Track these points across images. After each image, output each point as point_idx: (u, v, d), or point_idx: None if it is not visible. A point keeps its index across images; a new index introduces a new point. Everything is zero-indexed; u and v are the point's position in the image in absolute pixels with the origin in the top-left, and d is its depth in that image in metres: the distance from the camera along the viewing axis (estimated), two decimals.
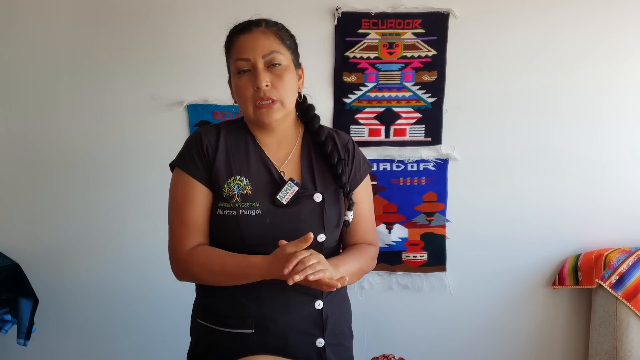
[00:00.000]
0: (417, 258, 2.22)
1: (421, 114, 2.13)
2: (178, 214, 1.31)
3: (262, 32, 1.29)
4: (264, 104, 1.27)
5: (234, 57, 1.29)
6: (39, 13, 2.07)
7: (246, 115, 1.32)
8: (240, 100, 1.30)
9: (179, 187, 1.32)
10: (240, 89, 1.28)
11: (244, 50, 1.28)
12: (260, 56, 1.27)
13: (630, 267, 2.02)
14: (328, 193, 1.34)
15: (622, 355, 2.00)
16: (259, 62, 1.27)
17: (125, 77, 2.11)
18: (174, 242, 1.31)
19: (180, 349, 1.47)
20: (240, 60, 1.28)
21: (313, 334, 1.34)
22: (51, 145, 2.15)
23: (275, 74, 1.28)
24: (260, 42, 1.28)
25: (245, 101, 1.29)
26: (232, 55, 1.31)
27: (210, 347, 1.36)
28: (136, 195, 2.17)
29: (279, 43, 1.30)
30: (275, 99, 1.28)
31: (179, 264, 1.31)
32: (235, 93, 1.32)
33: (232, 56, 1.30)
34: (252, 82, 1.27)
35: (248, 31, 1.29)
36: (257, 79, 1.26)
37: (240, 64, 1.28)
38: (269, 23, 1.31)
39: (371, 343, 2.10)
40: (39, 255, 2.20)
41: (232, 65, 1.31)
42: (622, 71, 2.10)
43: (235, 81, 1.30)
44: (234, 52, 1.30)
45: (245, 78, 1.28)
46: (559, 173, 2.16)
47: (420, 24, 2.07)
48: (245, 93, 1.28)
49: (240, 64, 1.28)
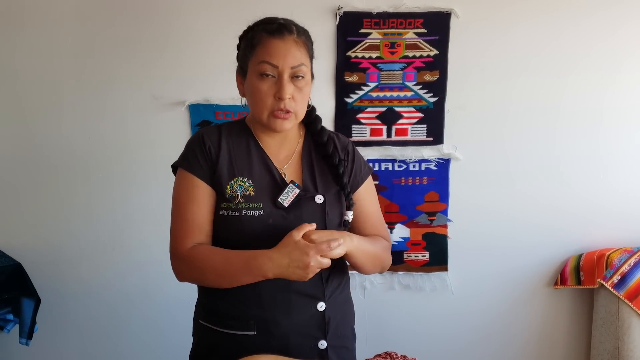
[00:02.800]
0: (418, 258, 2.21)
1: (423, 113, 2.13)
2: (181, 213, 1.30)
3: (294, 41, 1.26)
4: (281, 114, 1.26)
5: (260, 58, 1.25)
6: (42, 13, 2.07)
7: (257, 117, 1.30)
8: (255, 102, 1.28)
9: (183, 187, 1.31)
10: (260, 93, 1.26)
11: (274, 56, 1.24)
12: (289, 66, 1.25)
13: (633, 267, 2.02)
14: (329, 195, 1.34)
15: (624, 355, 2.00)
16: (286, 72, 1.25)
17: (127, 77, 2.11)
18: (175, 240, 1.31)
19: (183, 348, 1.47)
20: (267, 63, 1.24)
21: (315, 336, 1.34)
22: (54, 145, 2.16)
23: (297, 86, 1.27)
24: (292, 52, 1.25)
25: (262, 106, 1.27)
26: (256, 53, 1.26)
27: (212, 348, 1.36)
28: (138, 195, 2.17)
29: (306, 55, 1.29)
30: (292, 111, 1.27)
31: (179, 262, 1.30)
32: (251, 93, 1.28)
33: (257, 55, 1.26)
34: (275, 90, 1.25)
35: (280, 36, 1.25)
36: (282, 90, 1.24)
37: (265, 67, 1.25)
38: (299, 30, 1.29)
39: (373, 343, 2.10)
40: (41, 255, 2.21)
41: (255, 64, 1.26)
42: (623, 71, 2.09)
43: (255, 82, 1.27)
44: (261, 52, 1.25)
45: (268, 84, 1.25)
46: (561, 172, 2.16)
47: (422, 24, 2.07)
48: (265, 99, 1.26)
49: (265, 67, 1.25)
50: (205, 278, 1.29)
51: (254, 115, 1.31)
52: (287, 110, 1.26)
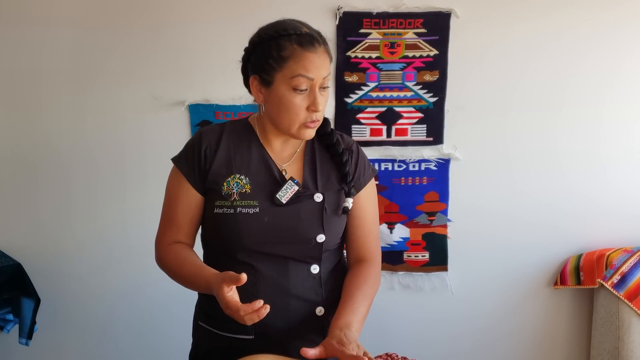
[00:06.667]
0: (418, 258, 2.21)
1: (423, 113, 2.13)
2: (166, 209, 1.36)
3: (324, 51, 1.25)
4: (312, 124, 1.26)
5: (296, 72, 1.21)
6: (41, 13, 2.07)
7: (285, 129, 1.27)
8: (286, 115, 1.25)
9: (172, 184, 1.35)
10: (294, 107, 1.23)
11: (311, 69, 1.21)
12: (321, 78, 1.23)
13: (632, 267, 2.02)
14: (329, 194, 1.33)
15: (624, 355, 2.00)
16: (318, 84, 1.23)
17: (127, 77, 2.11)
18: (158, 233, 1.38)
19: (183, 348, 1.47)
20: (303, 77, 1.21)
21: (314, 340, 1.33)
22: (53, 145, 2.16)
23: (324, 95, 1.26)
24: (325, 63, 1.24)
25: (295, 119, 1.25)
26: (289, 67, 1.21)
27: (211, 350, 1.36)
28: (138, 195, 2.17)
29: (330, 63, 1.28)
30: (319, 120, 1.28)
31: (157, 254, 1.38)
32: (282, 105, 1.24)
33: (291, 69, 1.21)
34: (308, 103, 1.23)
35: (313, 48, 1.22)
36: (316, 102, 1.23)
37: (302, 82, 1.21)
38: (322, 38, 1.27)
39: (373, 344, 2.09)
40: (41, 255, 2.21)
41: (288, 77, 1.22)
42: (624, 70, 2.09)
43: (287, 96, 1.23)
44: (297, 66, 1.21)
45: (301, 97, 1.23)
46: (561, 172, 2.15)
47: (421, 24, 2.07)
48: (298, 112, 1.24)
49: (302, 82, 1.21)
50: (175, 279, 1.35)
51: (281, 126, 1.28)
52: (318, 121, 1.27)
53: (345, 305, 1.28)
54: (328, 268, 1.36)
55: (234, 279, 1.13)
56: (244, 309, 1.12)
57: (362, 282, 1.34)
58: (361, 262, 1.39)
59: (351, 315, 1.26)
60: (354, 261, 1.40)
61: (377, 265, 1.41)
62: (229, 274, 1.15)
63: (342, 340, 1.17)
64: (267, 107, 1.28)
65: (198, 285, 1.29)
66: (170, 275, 1.35)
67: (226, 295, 1.13)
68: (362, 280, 1.35)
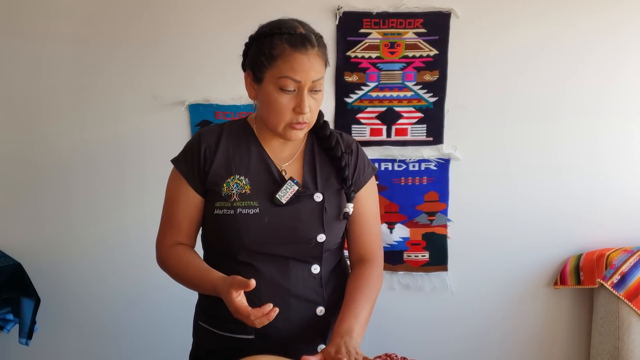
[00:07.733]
0: (418, 258, 2.21)
1: (423, 113, 2.13)
2: (166, 210, 1.36)
3: (316, 54, 1.23)
4: (298, 126, 1.25)
5: (283, 73, 1.20)
6: (42, 13, 2.07)
7: (272, 127, 1.27)
8: (272, 114, 1.25)
9: (172, 186, 1.35)
10: (280, 106, 1.23)
11: (298, 71, 1.20)
12: (310, 81, 1.22)
13: (632, 267, 2.02)
14: (329, 193, 1.33)
15: (624, 355, 2.00)
16: (306, 87, 1.22)
17: (127, 76, 2.11)
18: (159, 234, 1.38)
19: (183, 348, 1.47)
20: (289, 79, 1.20)
21: (314, 340, 1.34)
22: (53, 145, 2.15)
23: (315, 98, 1.25)
24: (315, 67, 1.22)
25: (280, 119, 1.24)
26: (278, 66, 1.21)
27: (211, 350, 1.36)
28: (138, 195, 2.17)
29: (324, 66, 1.26)
30: (307, 122, 1.26)
31: (159, 256, 1.38)
32: (268, 104, 1.24)
33: (279, 69, 1.21)
34: (295, 104, 1.22)
35: (304, 50, 1.21)
36: (302, 105, 1.22)
37: (288, 83, 1.21)
38: (318, 40, 1.25)
39: (373, 344, 2.09)
40: (40, 255, 2.21)
41: (276, 77, 1.21)
42: (624, 70, 2.09)
43: (273, 95, 1.23)
44: (284, 67, 1.20)
45: (288, 97, 1.22)
46: (561, 172, 2.15)
47: (421, 24, 2.07)
48: (284, 112, 1.23)
49: (288, 83, 1.21)
50: (177, 281, 1.34)
51: (268, 125, 1.28)
52: (305, 123, 1.25)
53: (348, 310, 1.29)
54: (329, 268, 1.36)
55: (242, 284, 1.13)
56: (254, 313, 1.13)
57: (364, 285, 1.35)
58: (363, 263, 1.39)
59: (353, 320, 1.26)
60: (356, 261, 1.40)
61: (379, 264, 1.41)
62: (237, 279, 1.15)
63: (341, 350, 1.18)
64: (257, 104, 1.30)
65: (202, 288, 1.30)
66: (173, 276, 1.35)
67: (235, 300, 1.14)
68: (364, 283, 1.35)
